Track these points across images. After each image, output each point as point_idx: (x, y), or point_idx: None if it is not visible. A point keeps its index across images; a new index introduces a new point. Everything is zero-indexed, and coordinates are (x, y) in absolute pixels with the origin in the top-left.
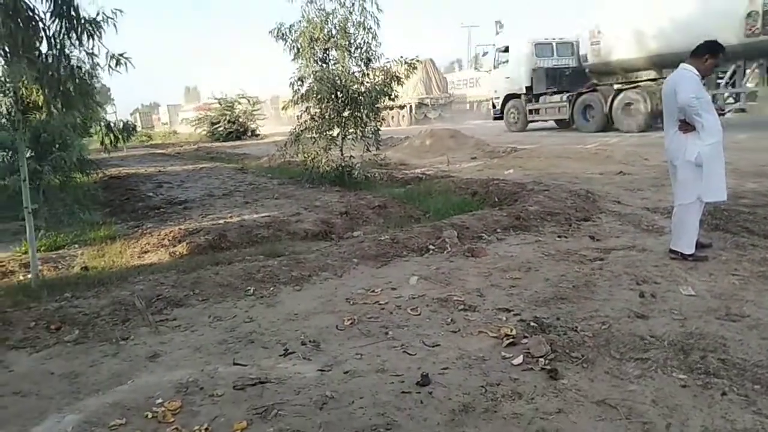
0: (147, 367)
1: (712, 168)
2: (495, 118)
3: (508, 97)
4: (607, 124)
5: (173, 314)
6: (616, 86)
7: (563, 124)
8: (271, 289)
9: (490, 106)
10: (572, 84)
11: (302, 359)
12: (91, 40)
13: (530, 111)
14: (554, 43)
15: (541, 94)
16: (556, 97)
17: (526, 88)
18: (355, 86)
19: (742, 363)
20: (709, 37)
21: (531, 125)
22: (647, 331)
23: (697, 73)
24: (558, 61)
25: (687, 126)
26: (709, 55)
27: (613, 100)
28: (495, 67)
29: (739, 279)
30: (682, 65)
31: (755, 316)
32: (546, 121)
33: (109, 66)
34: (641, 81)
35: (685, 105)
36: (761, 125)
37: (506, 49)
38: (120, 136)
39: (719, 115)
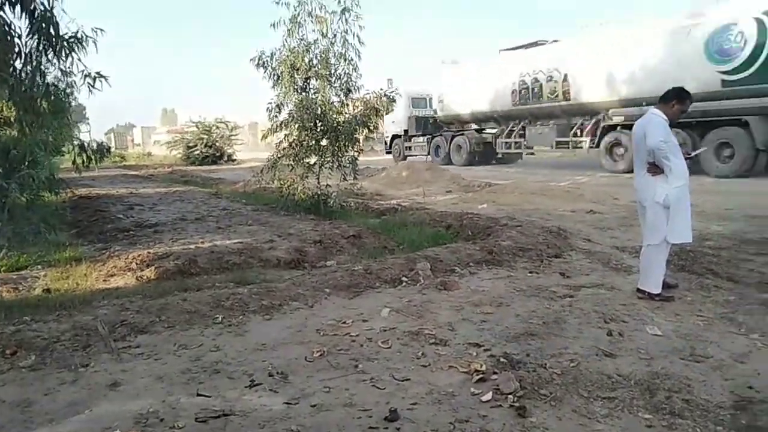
0: (106, 396)
1: (679, 210)
2: (386, 153)
3: (394, 137)
4: (449, 161)
5: (137, 341)
6: (451, 133)
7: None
8: (240, 317)
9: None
10: (434, 129)
11: (269, 391)
12: (69, 58)
13: (407, 148)
14: (427, 98)
15: (413, 136)
16: (421, 138)
17: (404, 130)
18: (335, 116)
19: (705, 404)
20: (494, 105)
21: (409, 158)
22: (614, 369)
23: (666, 118)
24: (428, 111)
25: (656, 168)
26: (676, 100)
27: (450, 142)
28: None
29: (703, 320)
30: (651, 110)
31: (718, 357)
32: (416, 156)
33: (87, 84)
34: (466, 130)
35: (654, 148)
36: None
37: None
38: (93, 157)
39: (685, 159)
